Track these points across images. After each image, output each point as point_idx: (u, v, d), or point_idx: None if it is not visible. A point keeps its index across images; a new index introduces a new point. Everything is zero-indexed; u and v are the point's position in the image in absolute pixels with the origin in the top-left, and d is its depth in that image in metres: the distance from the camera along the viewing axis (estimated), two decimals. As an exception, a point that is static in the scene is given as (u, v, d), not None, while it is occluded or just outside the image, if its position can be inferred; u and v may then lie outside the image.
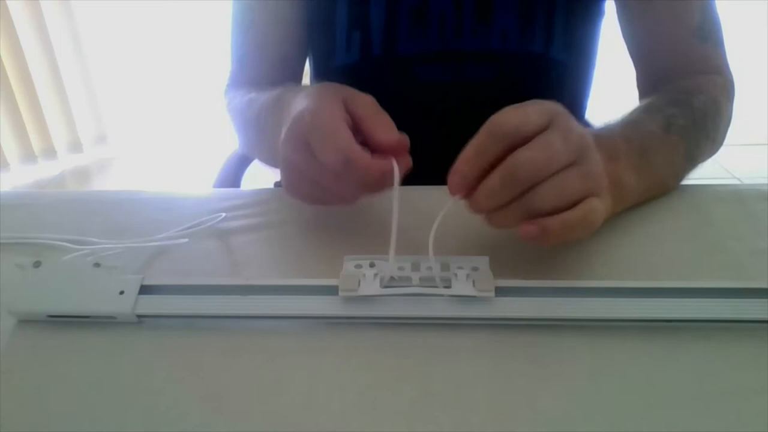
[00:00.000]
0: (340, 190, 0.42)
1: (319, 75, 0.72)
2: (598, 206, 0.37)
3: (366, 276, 0.38)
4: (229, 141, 0.76)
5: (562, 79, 0.66)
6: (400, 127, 0.47)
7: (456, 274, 0.38)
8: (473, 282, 0.37)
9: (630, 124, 0.50)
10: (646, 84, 0.64)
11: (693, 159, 0.54)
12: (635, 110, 0.53)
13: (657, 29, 0.61)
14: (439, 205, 0.45)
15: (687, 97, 0.55)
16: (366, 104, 0.43)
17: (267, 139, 0.55)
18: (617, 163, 0.44)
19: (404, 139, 0.41)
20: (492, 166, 0.36)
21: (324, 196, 0.44)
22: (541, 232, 0.35)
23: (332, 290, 0.38)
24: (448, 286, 0.38)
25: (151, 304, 0.38)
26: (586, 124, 0.78)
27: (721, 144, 0.59)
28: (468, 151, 0.36)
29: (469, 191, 0.37)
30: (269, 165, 0.64)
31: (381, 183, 0.40)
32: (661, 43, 0.61)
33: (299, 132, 0.41)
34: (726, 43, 0.61)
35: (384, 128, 0.41)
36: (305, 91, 0.45)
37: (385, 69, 0.64)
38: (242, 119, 0.63)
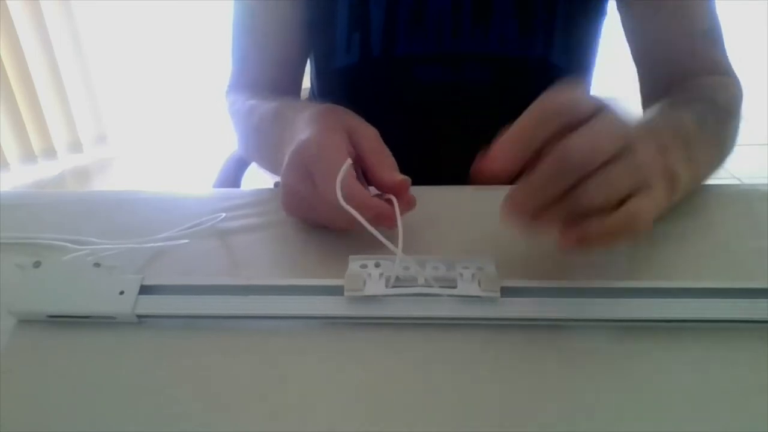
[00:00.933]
0: (338, 219, 0.42)
1: (319, 76, 0.72)
2: (646, 206, 0.34)
3: (371, 276, 0.38)
4: (229, 141, 0.76)
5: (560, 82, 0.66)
6: (399, 127, 0.47)
7: (461, 274, 0.38)
8: (479, 282, 0.37)
9: (669, 119, 0.48)
10: (651, 89, 0.64)
11: (722, 156, 0.52)
12: (663, 107, 0.51)
13: (666, 33, 0.60)
14: (443, 204, 0.46)
15: (712, 94, 0.54)
16: (370, 138, 0.43)
17: (266, 149, 0.55)
18: (668, 155, 0.42)
19: (406, 180, 0.41)
20: (529, 160, 0.33)
21: (322, 222, 0.45)
22: (581, 240, 0.33)
23: (337, 290, 0.38)
24: (454, 286, 0.37)
25: (151, 304, 0.38)
26: None
27: (734, 146, 0.57)
28: (511, 133, 0.33)
29: (508, 180, 0.34)
30: (268, 172, 0.65)
31: (379, 221, 0.40)
32: (671, 46, 0.60)
33: (302, 162, 0.41)
34: (726, 47, 0.61)
35: (387, 167, 0.41)
36: (308, 115, 0.45)
37: (384, 70, 0.64)
38: (242, 126, 0.64)
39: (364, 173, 0.43)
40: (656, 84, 0.63)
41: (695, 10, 0.59)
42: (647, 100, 0.64)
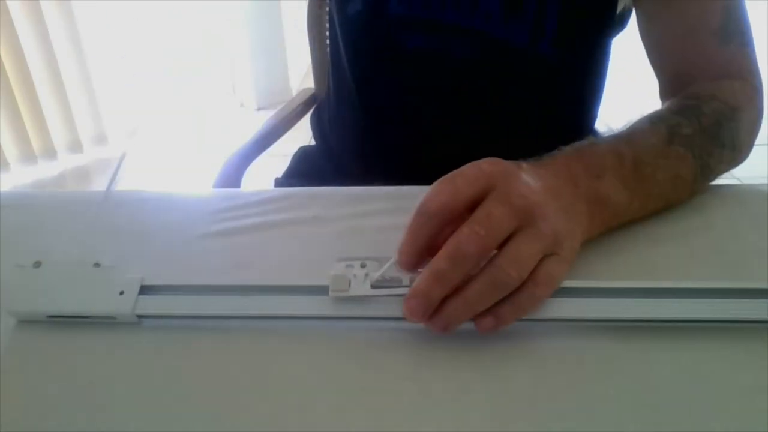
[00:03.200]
0: None
1: (333, 22, 0.74)
2: (555, 271, 0.36)
3: (356, 276, 0.38)
4: (229, 140, 0.76)
5: (553, 78, 0.66)
6: (387, 87, 0.46)
7: None
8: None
9: (624, 138, 0.48)
10: (668, 90, 0.62)
11: (707, 168, 0.51)
12: (637, 122, 0.51)
13: (675, 31, 0.59)
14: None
15: (696, 103, 0.53)
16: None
17: None
18: (602, 180, 0.43)
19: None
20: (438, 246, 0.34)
21: None
22: (497, 322, 0.35)
23: (323, 290, 0.38)
24: None
25: (151, 305, 0.38)
26: (593, 132, 0.78)
27: (744, 151, 0.56)
28: (406, 237, 0.36)
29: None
30: None
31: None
32: (680, 45, 0.59)
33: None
34: (754, 46, 0.58)
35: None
36: None
37: (380, 24, 0.66)
38: None
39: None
40: (668, 85, 0.62)
41: (706, 8, 0.57)
42: (664, 101, 0.62)
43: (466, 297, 0.34)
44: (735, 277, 0.42)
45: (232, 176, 0.87)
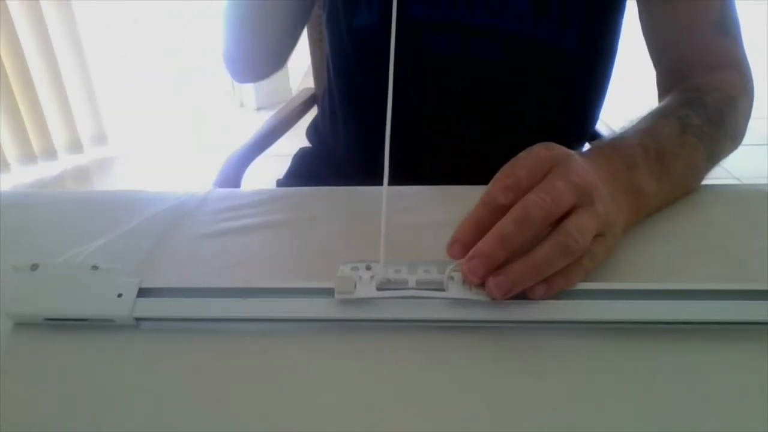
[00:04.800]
0: None
1: (337, 37, 0.72)
2: (600, 253, 0.39)
3: (362, 279, 0.38)
4: (229, 140, 0.76)
5: (575, 70, 0.66)
6: (408, 95, 0.46)
7: (452, 277, 0.38)
8: (469, 285, 0.37)
9: (645, 131, 0.50)
10: (665, 81, 0.64)
11: (713, 157, 0.53)
12: (648, 116, 0.53)
13: (677, 22, 0.61)
14: (435, 206, 0.45)
15: (699, 95, 0.55)
16: None
17: None
18: (636, 171, 0.45)
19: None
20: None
21: None
22: (548, 289, 0.37)
23: (329, 292, 0.38)
24: (445, 289, 0.37)
25: (150, 307, 0.38)
26: (595, 134, 0.78)
27: (741, 139, 0.59)
28: (466, 225, 0.37)
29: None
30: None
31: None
32: (681, 36, 0.61)
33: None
34: (742, 40, 0.61)
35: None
36: None
37: (401, 32, 0.64)
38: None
39: None
40: (667, 76, 0.64)
41: (705, 2, 0.59)
42: (662, 93, 0.65)
43: (536, 260, 0.35)
44: (735, 277, 0.42)
45: (232, 176, 0.87)
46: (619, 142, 0.48)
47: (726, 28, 0.60)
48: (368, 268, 0.39)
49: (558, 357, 0.36)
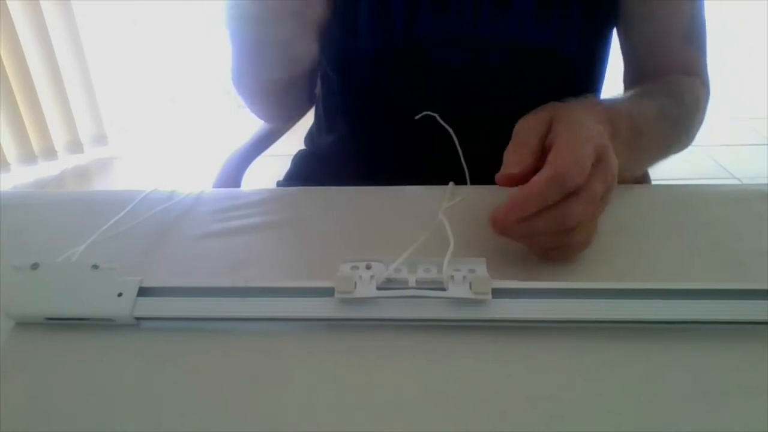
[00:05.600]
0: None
1: (338, 65, 0.71)
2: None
3: (362, 278, 0.38)
4: (229, 140, 0.76)
5: (574, 74, 0.67)
6: (421, 111, 0.48)
7: (453, 277, 0.38)
8: (470, 284, 0.37)
9: (633, 107, 0.53)
10: (633, 80, 0.68)
11: (669, 149, 0.59)
12: (634, 95, 0.57)
13: (648, 29, 0.64)
14: (435, 206, 0.45)
15: (679, 90, 0.59)
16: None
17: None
18: (617, 140, 0.47)
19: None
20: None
21: None
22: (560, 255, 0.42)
23: (329, 292, 0.38)
24: (445, 288, 0.37)
25: (150, 307, 0.38)
26: None
27: (690, 142, 0.64)
28: (531, 192, 0.39)
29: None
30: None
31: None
32: (651, 42, 0.64)
33: None
34: (708, 49, 0.65)
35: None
36: None
37: (406, 53, 0.64)
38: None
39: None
40: (632, 76, 0.68)
41: (677, 11, 0.63)
42: (627, 87, 0.69)
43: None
44: (735, 277, 0.42)
45: (232, 176, 0.87)
46: (612, 109, 0.50)
47: (692, 39, 0.64)
48: (368, 267, 0.39)
49: (558, 357, 0.36)
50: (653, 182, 0.73)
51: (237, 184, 0.87)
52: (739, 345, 0.36)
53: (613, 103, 0.51)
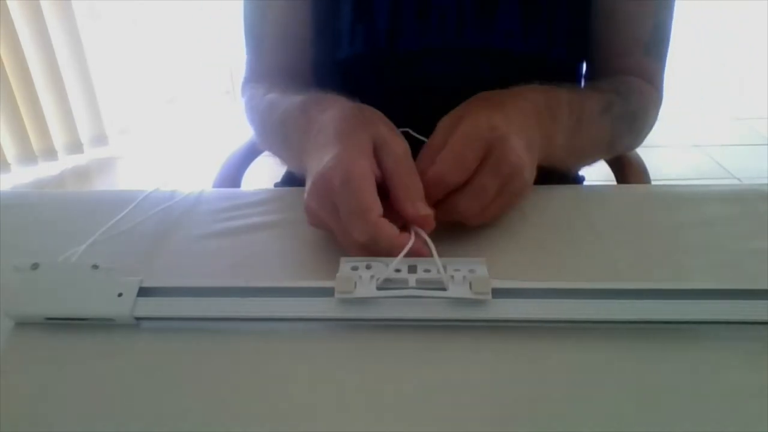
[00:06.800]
0: (358, 250, 0.41)
1: (319, 68, 0.71)
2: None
3: (362, 278, 0.38)
4: (229, 140, 0.75)
5: (562, 77, 0.67)
6: (404, 121, 0.48)
7: (452, 277, 0.38)
8: (470, 284, 0.37)
9: (578, 96, 0.55)
10: (591, 77, 0.70)
11: (612, 147, 0.62)
12: (586, 87, 0.61)
13: (610, 33, 0.65)
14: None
15: (627, 91, 0.61)
16: (397, 159, 0.42)
17: (291, 149, 0.55)
18: (556, 123, 0.51)
19: (429, 216, 0.41)
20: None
21: (342, 245, 0.44)
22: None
23: (329, 292, 0.38)
24: (445, 289, 0.37)
25: (150, 307, 0.38)
26: None
27: (637, 146, 0.69)
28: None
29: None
30: (291, 169, 0.66)
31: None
32: (612, 47, 0.66)
33: (327, 191, 0.40)
34: (667, 61, 0.68)
35: (411, 196, 0.41)
36: (335, 123, 0.45)
37: (388, 62, 0.64)
38: (262, 122, 0.63)
39: (387, 191, 0.42)
40: (593, 73, 0.69)
41: (640, 22, 0.64)
42: (587, 81, 0.71)
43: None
44: (734, 277, 0.42)
45: (232, 176, 0.87)
46: (553, 96, 0.52)
47: (650, 49, 0.65)
48: (368, 267, 0.39)
49: (558, 357, 0.36)
50: (653, 182, 0.73)
51: (237, 184, 0.87)
52: (739, 345, 0.36)
53: (555, 91, 0.52)
